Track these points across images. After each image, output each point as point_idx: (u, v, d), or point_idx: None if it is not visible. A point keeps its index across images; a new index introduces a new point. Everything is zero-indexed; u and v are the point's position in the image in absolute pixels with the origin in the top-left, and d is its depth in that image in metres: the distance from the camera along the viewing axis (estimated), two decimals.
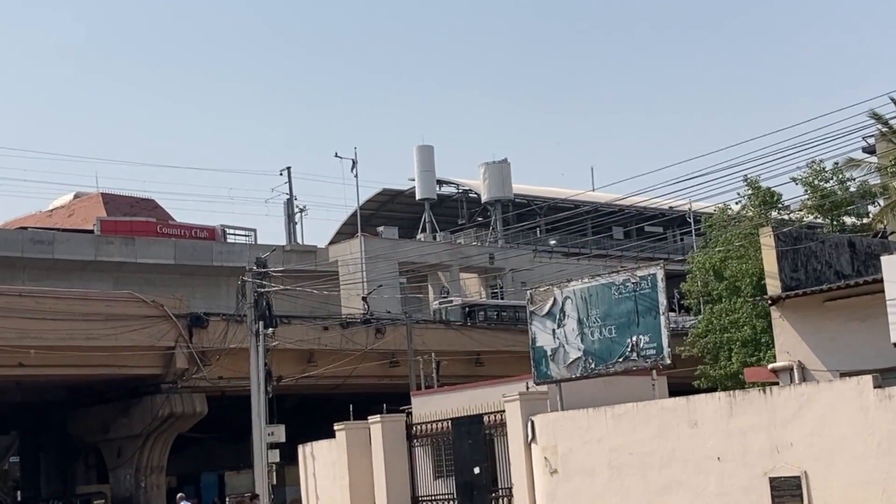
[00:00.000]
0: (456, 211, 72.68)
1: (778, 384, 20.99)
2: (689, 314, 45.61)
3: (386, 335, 44.24)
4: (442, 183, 72.56)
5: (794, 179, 34.08)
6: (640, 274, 22.03)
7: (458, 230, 67.86)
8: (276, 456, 32.57)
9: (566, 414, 22.20)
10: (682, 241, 69.45)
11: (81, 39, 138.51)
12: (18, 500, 52.34)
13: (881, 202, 35.37)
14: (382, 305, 46.83)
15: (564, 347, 22.88)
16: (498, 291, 56.99)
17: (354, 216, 63.97)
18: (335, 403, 37.95)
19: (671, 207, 56.73)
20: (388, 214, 73.31)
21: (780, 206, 35.33)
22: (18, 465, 56.37)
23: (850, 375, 18.40)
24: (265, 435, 31.99)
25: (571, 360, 22.74)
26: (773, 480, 18.17)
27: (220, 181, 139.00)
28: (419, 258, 53.66)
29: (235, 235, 63.02)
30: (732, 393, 19.47)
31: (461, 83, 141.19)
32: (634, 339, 21.69)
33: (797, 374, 21.19)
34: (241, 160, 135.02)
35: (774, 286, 22.21)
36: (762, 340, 32.16)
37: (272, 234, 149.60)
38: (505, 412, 23.43)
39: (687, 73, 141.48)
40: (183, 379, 39.85)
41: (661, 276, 21.64)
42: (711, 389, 29.10)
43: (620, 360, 21.97)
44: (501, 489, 23.98)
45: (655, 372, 22.20)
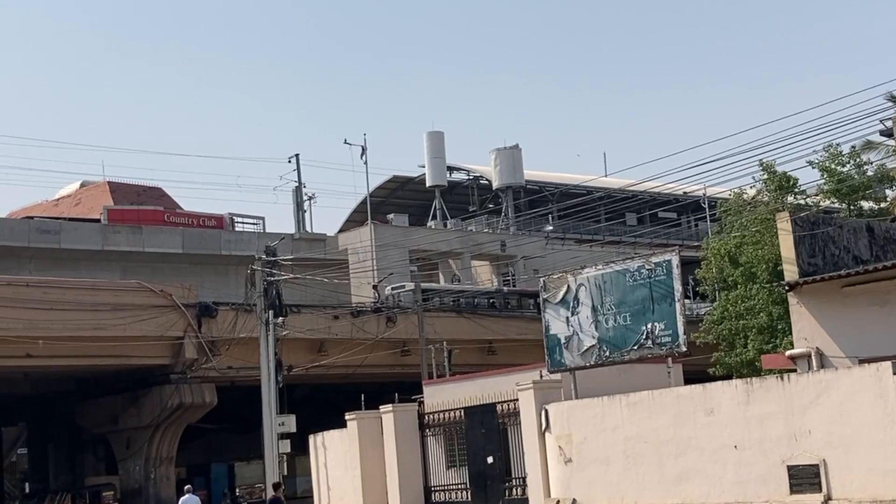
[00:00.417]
0: (467, 198, 72.60)
1: (795, 371, 20.98)
2: (704, 301, 45.58)
3: (397, 324, 44.30)
4: (452, 169, 72.47)
5: (810, 163, 33.97)
6: (654, 260, 22.00)
7: (469, 217, 67.79)
8: (286, 446, 32.68)
9: (580, 402, 22.23)
10: (696, 226, 69.27)
11: (87, 26, 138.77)
12: (27, 492, 52.65)
13: None
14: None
15: (578, 335, 22.89)
16: (510, 279, 56.97)
17: (364, 204, 63.99)
18: (346, 393, 38.09)
19: (685, 193, 56.39)
20: (398, 202, 73.27)
21: (796, 190, 35.22)
22: (26, 456, 56.73)
23: (869, 362, 18.38)
24: (276, 425, 32.10)
25: (585, 347, 22.76)
26: (791, 469, 18.19)
27: (227, 169, 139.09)
28: (430, 246, 53.62)
29: (244, 224, 63.13)
30: (750, 380, 19.47)
31: (472, 68, 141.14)
32: (649, 326, 21.70)
33: (815, 360, 21.15)
34: (248, 147, 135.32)
35: (791, 272, 22.16)
36: (779, 327, 32.12)
37: (281, 222, 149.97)
38: (518, 401, 23.47)
39: (701, 55, 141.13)
40: (192, 369, 39.99)
41: (676, 262, 21.62)
42: (727, 377, 29.12)
43: (635, 347, 21.97)
44: (515, 479, 24.03)
45: (671, 359, 22.21)
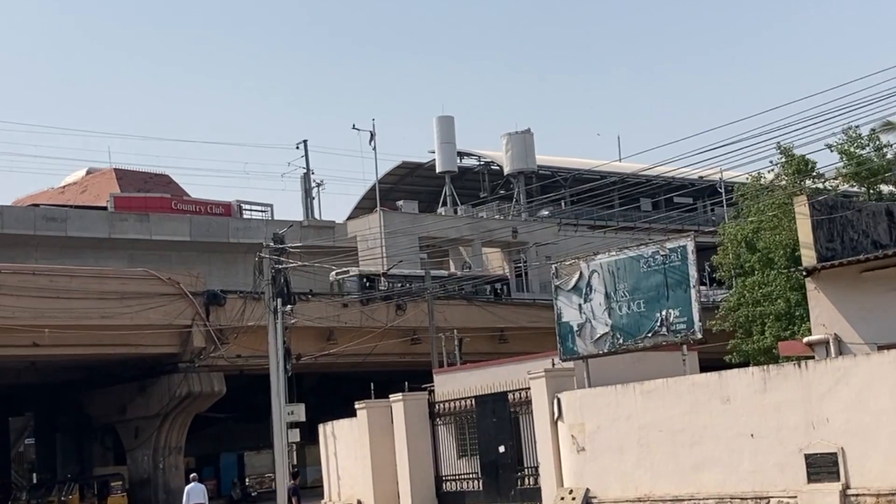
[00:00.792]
0: (478, 184, 72.46)
1: (813, 358, 20.88)
2: (720, 287, 45.48)
3: (407, 312, 44.30)
4: (463, 155, 72.32)
5: (829, 146, 33.79)
6: (669, 246, 21.91)
7: (479, 203, 67.65)
8: (296, 435, 32.72)
9: (593, 391, 22.18)
10: (712, 211, 69.05)
11: (93, 12, 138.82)
12: (34, 482, 52.87)
13: None
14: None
15: (591, 322, 22.82)
16: (521, 266, 56.89)
17: (373, 190, 63.94)
18: (356, 382, 38.12)
19: (701, 177, 56.12)
20: (407, 188, 73.21)
21: (814, 174, 35.05)
22: (34, 446, 57.00)
23: (888, 348, 18.29)
24: (285, 414, 32.11)
25: (599, 335, 22.69)
26: (808, 457, 18.11)
27: (235, 155, 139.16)
28: (440, 233, 53.55)
29: (252, 211, 63.18)
30: (766, 367, 19.39)
31: (482, 51, 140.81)
32: (664, 313, 21.61)
33: (833, 347, 21.04)
34: (256, 133, 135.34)
35: (809, 257, 22.04)
36: (797, 313, 32.02)
37: (289, 209, 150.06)
38: (530, 389, 23.43)
39: (717, 37, 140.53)
40: (200, 358, 40.09)
41: (691, 248, 21.52)
42: (744, 364, 29.02)
43: (649, 334, 21.89)
44: (527, 468, 24.02)
45: (686, 347, 22.12)
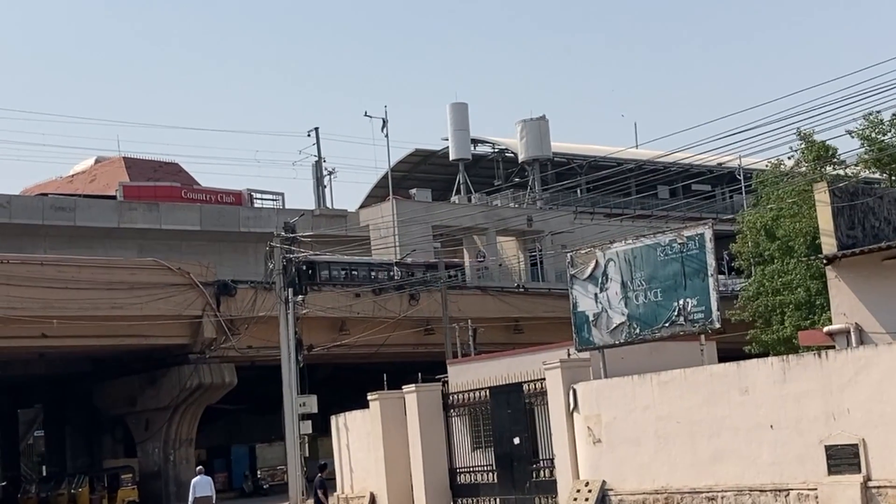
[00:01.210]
0: (492, 171, 72.44)
1: (834, 348, 20.83)
2: (739, 276, 45.37)
3: (420, 302, 44.36)
4: (477, 142, 72.29)
5: (849, 132, 33.65)
6: (686, 234, 21.86)
7: (494, 191, 67.59)
8: (308, 427, 32.85)
9: (610, 382, 22.16)
10: (731, 199, 68.88)
11: (102, 1, 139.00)
12: (43, 475, 53.18)
13: None
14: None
15: (607, 312, 22.79)
16: (536, 255, 56.88)
17: (386, 178, 63.99)
18: (368, 373, 38.20)
19: (719, 164, 56.09)
20: (420, 176, 73.24)
21: (835, 160, 34.92)
22: (43, 439, 57.31)
23: None
24: (297, 406, 32.23)
25: (615, 325, 22.66)
26: (828, 449, 18.07)
27: (245, 143, 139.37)
28: (453, 221, 53.58)
29: (263, 200, 63.40)
30: (786, 358, 19.33)
31: (496, 37, 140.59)
32: (681, 302, 21.58)
33: (854, 336, 20.99)
34: (267, 121, 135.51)
35: (830, 245, 21.96)
36: (817, 302, 31.94)
37: (300, 197, 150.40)
38: (545, 380, 23.42)
39: (736, 20, 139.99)
40: (211, 349, 40.26)
41: (709, 236, 21.47)
42: (763, 355, 28.93)
43: (667, 324, 21.86)
44: (542, 460, 24.01)
45: (704, 337, 22.09)
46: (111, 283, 37.98)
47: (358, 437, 29.30)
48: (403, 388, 27.54)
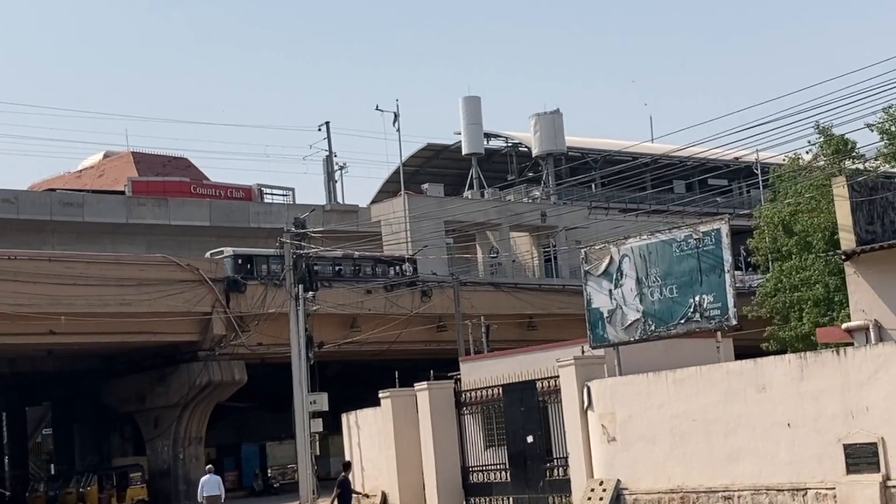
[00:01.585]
0: (505, 166, 72.40)
1: (852, 345, 20.79)
2: (756, 272, 45.30)
3: (432, 298, 44.41)
4: (490, 136, 72.21)
5: (869, 126, 33.55)
6: (703, 229, 21.86)
7: (507, 186, 67.59)
8: (318, 425, 32.92)
9: (624, 379, 22.16)
10: (748, 193, 68.76)
11: None
12: (52, 473, 53.37)
13: None
14: (428, 267, 46.94)
15: (622, 309, 22.80)
16: (550, 250, 56.85)
17: (397, 173, 64.02)
18: (380, 370, 38.27)
19: (736, 158, 55.89)
20: (432, 171, 73.22)
21: (854, 154, 34.82)
22: (51, 437, 57.52)
23: None
24: (307, 403, 32.30)
25: (630, 321, 22.66)
26: (847, 447, 18.05)
27: (255, 138, 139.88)
28: (466, 217, 53.57)
29: (273, 195, 63.51)
30: (803, 355, 19.31)
31: (509, 30, 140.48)
32: (697, 298, 21.56)
33: (873, 333, 20.94)
34: (277, 115, 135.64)
35: (848, 240, 21.92)
36: (835, 299, 31.88)
37: (311, 193, 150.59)
38: (559, 378, 23.44)
39: (752, 12, 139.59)
40: (221, 346, 40.34)
41: (725, 231, 21.45)
42: (781, 352, 28.90)
43: (682, 321, 21.85)
44: (556, 459, 24.03)
45: (720, 334, 22.07)
46: (120, 279, 38.09)
47: (369, 435, 29.36)
48: (415, 385, 27.57)
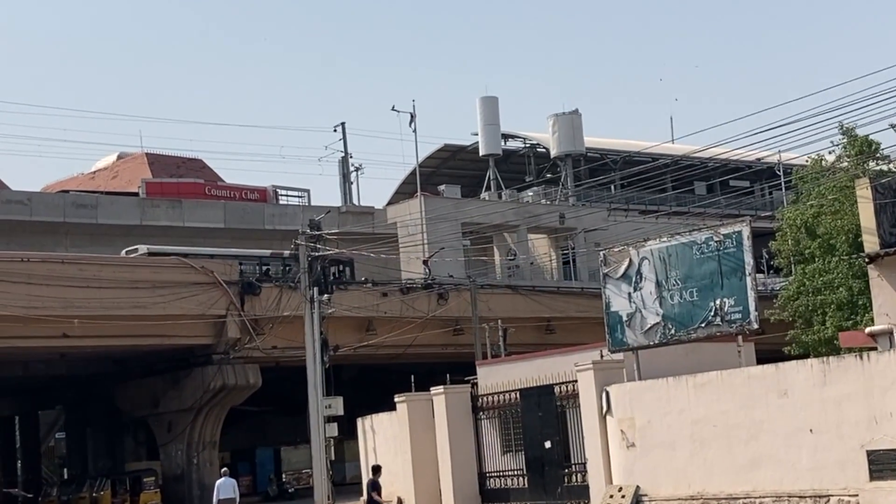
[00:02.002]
0: (523, 167, 72.38)
1: (876, 349, 20.73)
2: (778, 275, 45.19)
3: (449, 301, 44.42)
4: (507, 137, 72.22)
5: (893, 126, 33.42)
6: (724, 232, 21.84)
7: (525, 188, 67.61)
8: (333, 430, 32.96)
9: (644, 384, 22.15)
10: (770, 195, 68.57)
11: None
12: (65, 477, 53.60)
13: None
14: (445, 269, 46.96)
15: (641, 312, 22.79)
16: (569, 253, 56.81)
17: (414, 174, 64.04)
18: (395, 374, 38.30)
19: (758, 159, 55.77)
20: (449, 172, 73.28)
21: (878, 155, 34.71)
22: (64, 441, 57.74)
23: None
24: (322, 408, 32.35)
25: (649, 325, 22.66)
26: (871, 454, 18.01)
27: (270, 139, 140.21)
28: (483, 218, 53.59)
29: (288, 196, 63.62)
30: (826, 359, 19.28)
31: (527, 28, 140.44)
32: (718, 302, 21.55)
33: None
34: (292, 116, 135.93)
35: (872, 243, 21.88)
36: (859, 302, 31.79)
37: (326, 194, 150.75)
38: (578, 382, 23.45)
39: (775, 11, 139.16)
40: (235, 349, 40.41)
41: (747, 233, 21.43)
42: (803, 356, 28.85)
43: (703, 325, 21.84)
44: (574, 465, 24.04)
45: (741, 338, 22.03)
46: (134, 281, 38.20)
47: (385, 440, 29.40)
48: (431, 389, 27.61)
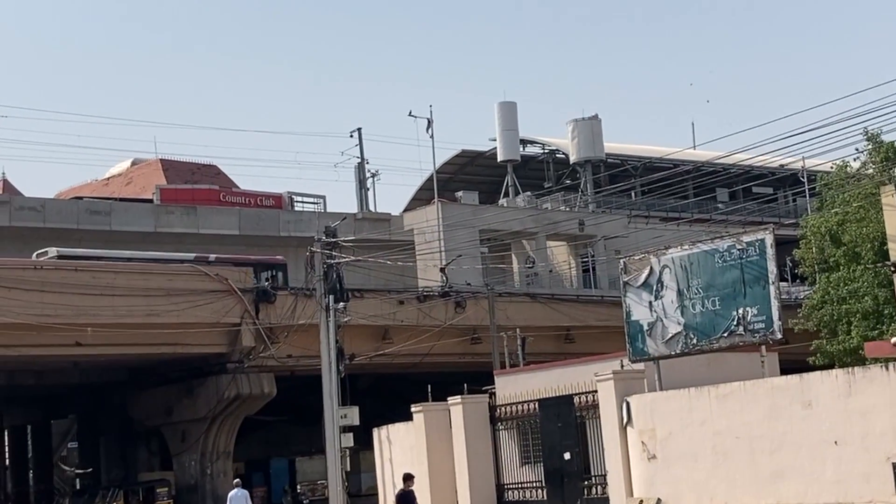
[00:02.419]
0: (542, 173, 72.39)
1: None
2: (803, 284, 45.06)
3: (466, 309, 44.38)
4: (526, 142, 72.26)
5: None
6: (746, 239, 21.81)
7: (544, 194, 67.55)
8: (349, 440, 32.94)
9: (665, 394, 22.11)
10: (794, 202, 68.37)
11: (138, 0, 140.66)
12: (77, 488, 53.73)
13: None
14: (462, 277, 46.96)
15: (662, 321, 22.77)
16: (588, 260, 56.74)
17: (431, 180, 64.09)
18: (412, 383, 38.31)
19: (782, 165, 55.75)
20: (467, 178, 73.33)
21: None
22: (77, 451, 57.90)
23: None
24: (338, 417, 32.34)
25: (670, 335, 22.63)
26: None
27: (285, 145, 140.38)
28: (501, 225, 53.60)
29: (303, 203, 63.73)
30: (851, 370, 19.23)
31: (545, 33, 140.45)
32: (741, 311, 21.51)
33: None
34: (308, 122, 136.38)
35: None
36: (885, 312, 31.68)
37: (342, 200, 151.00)
38: (597, 392, 23.43)
39: (799, 14, 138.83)
40: (250, 358, 40.44)
41: (770, 241, 21.40)
42: (828, 366, 28.74)
43: (725, 334, 21.80)
44: (594, 476, 24.01)
45: (765, 348, 21.99)
46: (147, 289, 38.26)
47: (401, 450, 29.42)
48: (449, 399, 27.62)
